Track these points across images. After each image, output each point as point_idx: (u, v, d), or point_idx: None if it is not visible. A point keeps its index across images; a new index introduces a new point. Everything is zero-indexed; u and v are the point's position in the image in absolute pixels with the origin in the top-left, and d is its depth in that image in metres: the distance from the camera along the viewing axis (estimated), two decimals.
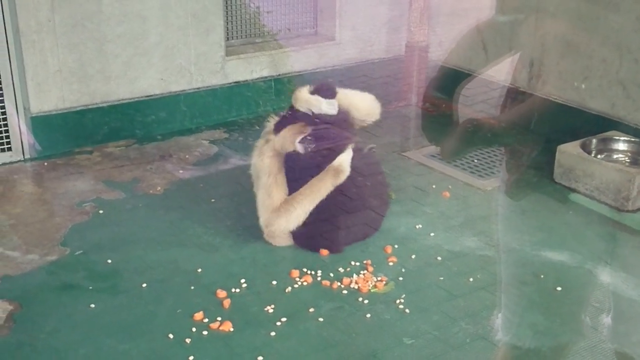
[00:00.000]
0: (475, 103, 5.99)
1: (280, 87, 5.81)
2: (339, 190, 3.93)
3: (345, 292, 3.59)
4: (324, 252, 3.90)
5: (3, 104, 4.79)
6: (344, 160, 3.93)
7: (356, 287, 3.62)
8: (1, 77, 4.75)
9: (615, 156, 4.66)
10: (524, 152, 2.90)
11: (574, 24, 4.97)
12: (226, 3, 5.66)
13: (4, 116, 4.82)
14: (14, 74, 4.78)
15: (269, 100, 5.79)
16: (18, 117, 4.86)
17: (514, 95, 5.33)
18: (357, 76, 6.40)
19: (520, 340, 3.25)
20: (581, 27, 4.93)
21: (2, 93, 4.77)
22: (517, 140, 3.15)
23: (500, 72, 5.52)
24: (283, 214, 3.88)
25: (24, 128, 4.89)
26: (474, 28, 4.45)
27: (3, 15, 4.65)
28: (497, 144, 4.34)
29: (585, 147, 4.60)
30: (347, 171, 3.91)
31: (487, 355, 3.18)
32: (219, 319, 3.36)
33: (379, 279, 3.67)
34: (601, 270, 3.77)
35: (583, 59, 4.96)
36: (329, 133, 4.04)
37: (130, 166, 4.90)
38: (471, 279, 3.70)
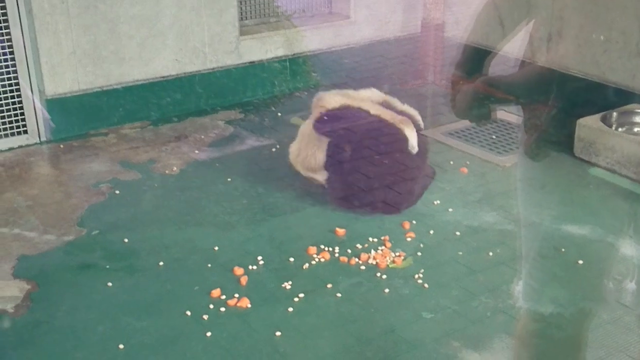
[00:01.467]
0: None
1: (295, 67, 5.76)
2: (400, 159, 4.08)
3: (363, 267, 3.56)
4: (340, 231, 3.86)
5: (18, 87, 4.79)
6: (412, 131, 4.13)
7: (374, 262, 3.58)
8: (16, 60, 4.74)
9: (636, 129, 4.56)
10: (542, 112, 2.83)
11: None
12: None
13: (20, 99, 4.81)
14: (28, 57, 4.77)
15: (284, 80, 5.75)
16: (33, 100, 4.85)
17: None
18: (373, 56, 6.34)
19: (541, 313, 3.20)
20: None
21: (17, 76, 4.77)
22: (533, 103, 3.08)
23: (517, 47, 5.44)
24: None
25: (39, 111, 4.88)
26: (490, 1, 4.38)
27: None
28: (513, 103, 4.28)
29: (606, 121, 4.50)
30: (408, 128, 4.11)
31: (507, 329, 3.14)
32: (236, 295, 3.34)
33: (397, 254, 3.64)
34: (623, 243, 3.70)
35: (602, 30, 4.86)
36: (345, 114, 4.09)
37: (145, 147, 4.88)
38: (491, 254, 3.66)
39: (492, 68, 6.49)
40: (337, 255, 3.66)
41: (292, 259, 3.62)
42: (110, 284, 3.46)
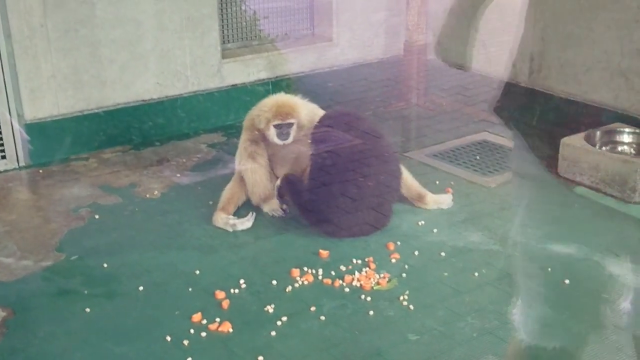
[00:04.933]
0: (478, 102, 5.92)
1: (278, 89, 5.72)
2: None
3: (347, 290, 3.50)
4: (324, 253, 3.81)
5: None
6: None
7: (358, 284, 3.52)
8: None
9: (620, 148, 4.57)
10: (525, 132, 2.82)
11: (574, 16, 4.90)
12: (221, 6, 5.59)
13: None
14: (7, 81, 4.71)
15: None
16: (12, 125, 4.78)
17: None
18: (356, 78, 6.33)
19: (529, 333, 3.15)
20: (581, 18, 4.85)
21: None
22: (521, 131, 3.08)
23: (501, 68, 5.45)
24: None
25: (18, 135, 4.81)
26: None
27: None
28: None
29: (590, 140, 4.51)
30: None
31: (494, 350, 3.08)
32: (218, 319, 3.27)
33: (382, 276, 3.58)
34: (609, 262, 3.68)
35: (584, 50, 4.88)
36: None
37: (126, 171, 4.82)
38: (476, 274, 3.61)
39: (471, 91, 6.48)
40: (320, 277, 3.60)
41: (274, 282, 3.56)
42: (88, 309, 3.38)
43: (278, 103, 4.15)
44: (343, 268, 3.67)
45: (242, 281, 3.56)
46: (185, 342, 3.13)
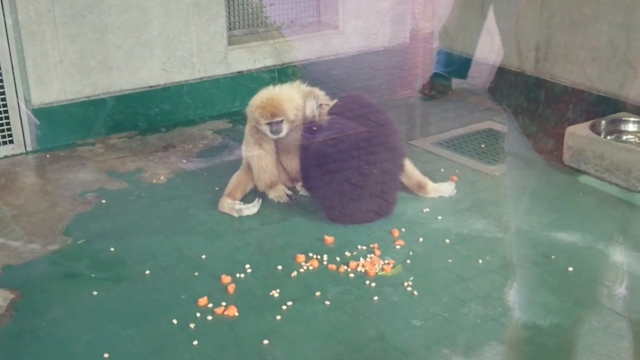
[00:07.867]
0: (483, 91, 5.92)
1: (284, 77, 5.74)
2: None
3: (352, 275, 3.53)
4: (329, 239, 3.83)
5: (4, 96, 4.74)
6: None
7: (363, 270, 3.55)
8: (2, 69, 4.70)
9: (625, 137, 4.58)
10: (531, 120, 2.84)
11: (580, 4, 4.89)
12: None
13: (5, 109, 4.77)
14: (15, 66, 4.73)
15: None
16: (19, 110, 4.81)
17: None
18: (362, 67, 6.34)
19: (532, 320, 3.18)
20: (587, 7, 4.85)
21: (3, 85, 4.72)
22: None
23: (507, 56, 5.45)
24: None
25: (25, 120, 4.83)
26: None
27: (2, 6, 4.60)
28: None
29: (595, 129, 4.52)
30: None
31: (498, 336, 3.11)
32: (224, 304, 3.30)
33: (387, 262, 3.61)
34: (613, 251, 3.69)
35: (590, 40, 4.88)
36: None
37: (133, 157, 4.84)
38: (480, 261, 3.63)
39: (478, 80, 6.47)
40: (325, 263, 3.62)
41: (280, 267, 3.59)
42: (95, 292, 3.42)
43: (263, 103, 4.12)
44: (348, 254, 3.69)
45: (247, 266, 3.59)
46: (192, 326, 3.17)
